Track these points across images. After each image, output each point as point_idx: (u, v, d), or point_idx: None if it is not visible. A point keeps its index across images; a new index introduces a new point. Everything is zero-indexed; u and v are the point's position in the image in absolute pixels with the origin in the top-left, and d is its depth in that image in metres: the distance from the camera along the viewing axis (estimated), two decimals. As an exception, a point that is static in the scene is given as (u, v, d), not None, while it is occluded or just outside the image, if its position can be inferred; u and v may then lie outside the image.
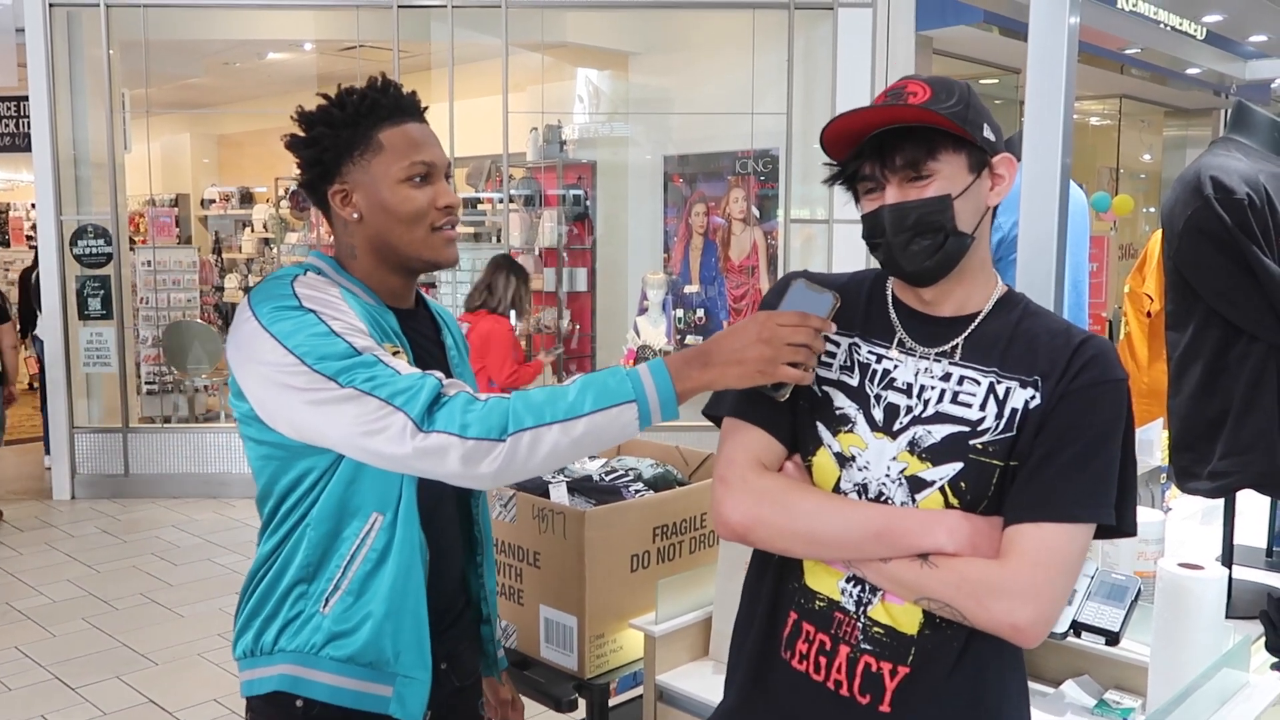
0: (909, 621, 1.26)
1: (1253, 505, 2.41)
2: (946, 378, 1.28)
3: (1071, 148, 2.07)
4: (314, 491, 1.44)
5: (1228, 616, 1.73)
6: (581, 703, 2.05)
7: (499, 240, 7.49)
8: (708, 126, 7.46)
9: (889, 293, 1.37)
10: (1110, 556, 1.98)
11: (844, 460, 1.30)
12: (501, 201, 7.39)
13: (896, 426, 1.28)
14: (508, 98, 6.91)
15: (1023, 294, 1.35)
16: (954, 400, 1.27)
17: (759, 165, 7.26)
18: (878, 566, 1.25)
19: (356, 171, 1.48)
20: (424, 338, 1.59)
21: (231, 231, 11.63)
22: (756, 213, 7.35)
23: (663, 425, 1.36)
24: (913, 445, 1.27)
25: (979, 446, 1.24)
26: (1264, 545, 2.45)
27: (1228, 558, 2.18)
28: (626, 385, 1.29)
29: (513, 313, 4.93)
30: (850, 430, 1.30)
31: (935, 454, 1.25)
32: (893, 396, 1.30)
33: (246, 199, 11.48)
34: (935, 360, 1.30)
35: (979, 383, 1.27)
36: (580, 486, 2.20)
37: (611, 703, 2.08)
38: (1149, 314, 4.49)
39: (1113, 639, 1.69)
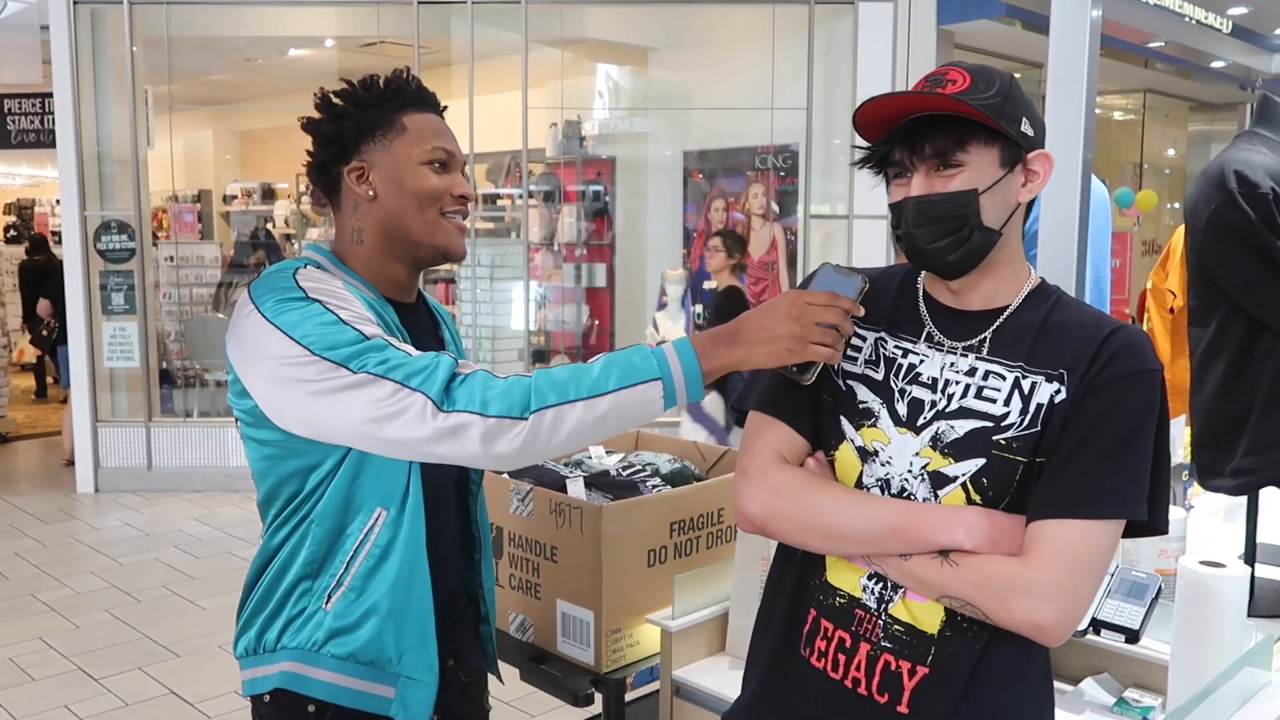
0: (930, 620, 1.25)
1: (1276, 503, 2.39)
2: (972, 372, 1.26)
3: (1093, 143, 2.05)
4: (320, 488, 1.42)
5: (1250, 615, 1.72)
6: (598, 697, 2.06)
7: (519, 236, 7.50)
8: (727, 122, 7.45)
9: (920, 287, 1.36)
10: (1131, 554, 1.97)
11: (866, 455, 1.29)
12: (521, 197, 7.40)
13: (920, 421, 1.27)
14: (527, 93, 6.92)
15: (1056, 286, 1.33)
16: (978, 395, 1.25)
17: (779, 161, 7.24)
18: (898, 563, 1.23)
19: (376, 150, 1.48)
20: (424, 333, 1.58)
21: (253, 227, 11.70)
22: (776, 208, 7.33)
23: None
24: (935, 440, 1.25)
25: (1002, 442, 1.22)
26: (1288, 544, 2.43)
27: (1250, 556, 2.16)
28: (651, 363, 1.27)
29: None
30: (874, 425, 1.29)
31: (958, 449, 1.24)
32: (917, 391, 1.28)
33: (268, 195, 11.54)
34: (961, 355, 1.28)
35: (1004, 378, 1.25)
36: (597, 481, 2.21)
37: (628, 697, 2.08)
38: (1172, 310, 4.45)
39: (1133, 637, 1.68)
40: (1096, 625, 1.70)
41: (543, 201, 7.77)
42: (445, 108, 1.57)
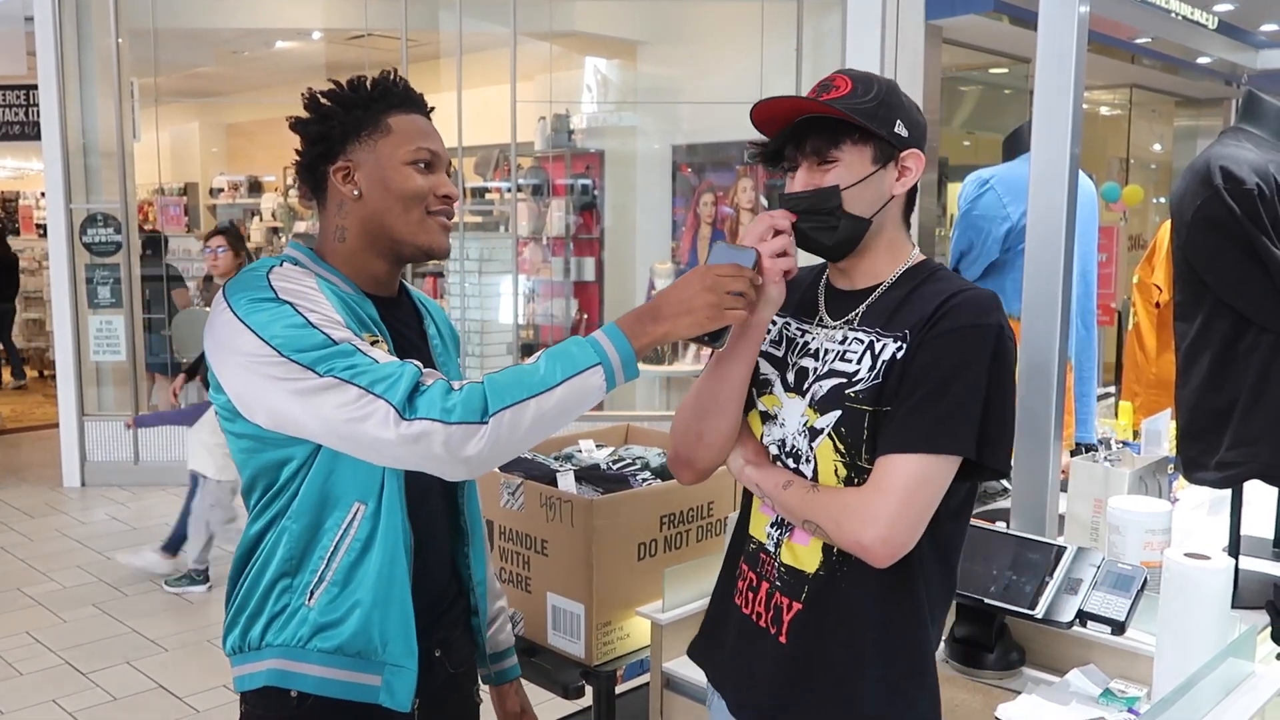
0: (810, 562, 1.43)
1: (1260, 496, 2.42)
2: (843, 341, 1.45)
3: (1081, 138, 2.06)
4: (293, 483, 1.44)
5: (1234, 607, 1.73)
6: (588, 690, 2.07)
7: (507, 229, 7.49)
8: (716, 116, 7.44)
9: (825, 277, 1.55)
10: (1116, 546, 1.98)
11: (766, 418, 1.50)
12: (509, 191, 7.39)
13: (805, 387, 1.46)
14: (516, 87, 6.90)
15: (939, 264, 1.48)
16: (841, 359, 1.43)
17: (767, 155, 7.23)
18: (777, 494, 1.42)
19: (362, 151, 1.50)
20: (405, 327, 1.59)
21: (240, 220, 11.65)
22: (764, 202, 7.35)
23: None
24: (811, 400, 1.44)
25: (853, 395, 1.39)
26: (1271, 536, 2.46)
27: (1234, 548, 2.18)
28: (589, 350, 1.35)
29: None
30: (770, 392, 1.50)
31: (823, 405, 1.42)
32: (804, 361, 1.48)
33: (255, 188, 11.50)
34: (839, 328, 1.47)
35: (862, 341, 1.42)
36: (588, 475, 2.21)
37: (618, 690, 2.09)
38: (1158, 304, 4.47)
39: (1118, 629, 1.69)
40: (1083, 617, 1.71)
41: (531, 195, 7.75)
42: (433, 109, 1.59)
